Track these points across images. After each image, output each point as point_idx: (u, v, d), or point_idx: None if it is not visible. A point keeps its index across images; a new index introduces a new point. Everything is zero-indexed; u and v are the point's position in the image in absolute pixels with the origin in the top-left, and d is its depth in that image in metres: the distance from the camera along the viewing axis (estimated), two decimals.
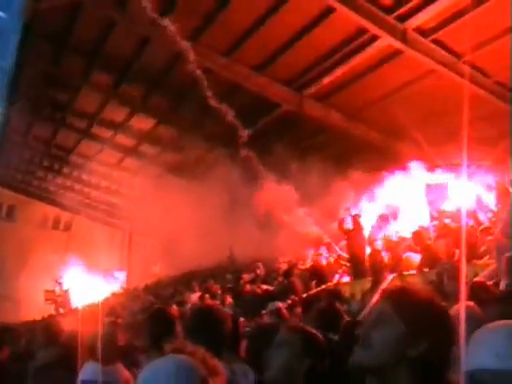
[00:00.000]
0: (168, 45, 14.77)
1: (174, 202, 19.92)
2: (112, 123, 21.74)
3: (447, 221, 10.91)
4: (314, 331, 2.81)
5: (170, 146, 21.91)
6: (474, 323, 1.82)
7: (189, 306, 12.75)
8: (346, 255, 13.33)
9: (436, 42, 12.56)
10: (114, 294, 24.53)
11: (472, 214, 10.54)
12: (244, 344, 4.34)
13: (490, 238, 8.74)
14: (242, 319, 6.73)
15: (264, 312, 7.30)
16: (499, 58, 12.73)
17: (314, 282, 12.49)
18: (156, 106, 19.32)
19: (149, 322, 4.36)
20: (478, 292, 4.61)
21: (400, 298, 1.74)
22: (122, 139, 23.15)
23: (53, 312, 27.30)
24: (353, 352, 1.74)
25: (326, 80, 14.73)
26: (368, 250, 12.26)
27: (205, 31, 14.28)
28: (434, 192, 12.88)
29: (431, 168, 13.63)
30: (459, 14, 11.55)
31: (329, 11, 12.41)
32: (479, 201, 11.27)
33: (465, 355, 1.46)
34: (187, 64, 15.60)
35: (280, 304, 6.98)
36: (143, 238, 27.29)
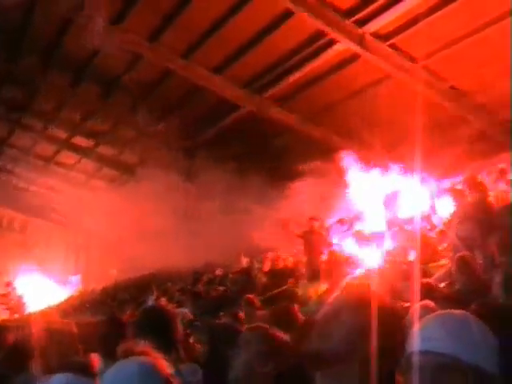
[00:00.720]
0: (127, 45, 14.73)
1: (129, 204, 19.74)
2: (69, 124, 21.43)
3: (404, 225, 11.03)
4: (277, 331, 2.80)
5: (129, 148, 21.73)
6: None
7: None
8: (303, 258, 13.35)
9: (393, 46, 12.71)
10: (70, 298, 24.19)
11: (427, 219, 10.69)
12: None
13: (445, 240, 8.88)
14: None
15: (222, 314, 7.29)
16: (455, 63, 12.99)
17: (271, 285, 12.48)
18: (114, 106, 19.12)
19: (101, 325, 4.30)
20: (424, 292, 4.71)
21: (360, 295, 1.79)
22: (79, 140, 22.85)
23: (6, 317, 26.74)
24: (310, 341, 1.77)
25: (286, 82, 14.78)
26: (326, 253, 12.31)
27: (164, 32, 14.19)
28: (391, 196, 13.01)
29: (388, 172, 13.75)
30: (416, 20, 11.71)
31: (288, 14, 12.48)
32: (433, 205, 11.42)
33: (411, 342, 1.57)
34: (146, 64, 15.60)
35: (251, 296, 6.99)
36: (100, 241, 26.94)
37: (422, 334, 1.60)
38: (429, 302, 3.69)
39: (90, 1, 13.33)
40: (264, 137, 17.44)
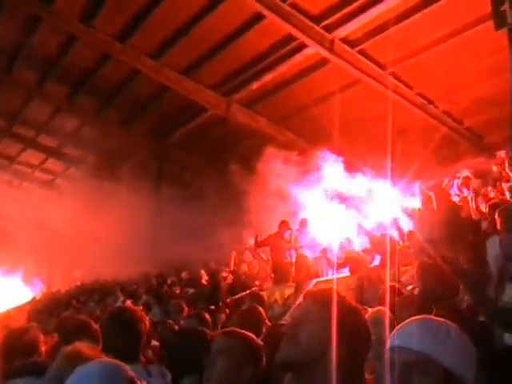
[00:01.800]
0: (96, 45, 14.61)
1: (94, 206, 19.57)
2: (35, 123, 21.16)
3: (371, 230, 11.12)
4: (252, 336, 2.76)
5: (95, 149, 21.52)
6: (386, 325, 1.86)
7: None
8: (267, 261, 13.37)
9: (362, 52, 12.84)
10: (34, 300, 23.80)
11: (394, 223, 10.77)
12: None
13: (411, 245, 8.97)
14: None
15: (184, 315, 7.23)
16: (422, 70, 13.17)
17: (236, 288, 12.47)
18: (81, 107, 18.94)
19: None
20: (390, 296, 4.76)
21: (324, 297, 1.80)
22: (45, 139, 22.57)
23: None
24: (279, 349, 1.76)
25: (254, 86, 14.80)
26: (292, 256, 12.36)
27: (133, 33, 14.10)
28: (358, 200, 13.10)
29: (355, 176, 13.84)
30: (385, 27, 11.86)
31: (258, 18, 12.51)
32: (402, 208, 11.53)
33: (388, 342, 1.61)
34: (115, 65, 15.48)
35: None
36: (65, 242, 26.57)
37: (398, 332, 1.65)
38: (381, 308, 3.74)
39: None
40: (231, 140, 17.44)
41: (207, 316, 6.07)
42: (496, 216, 7.26)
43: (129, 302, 13.63)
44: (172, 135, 18.31)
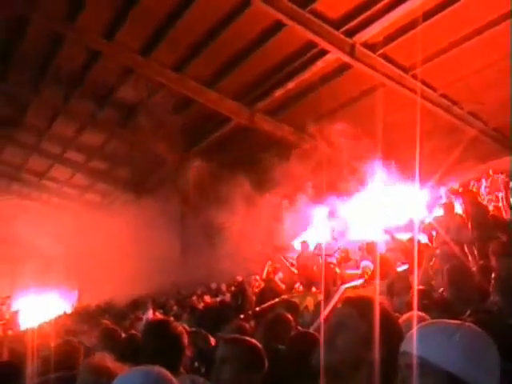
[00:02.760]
0: (118, 59, 14.76)
1: (127, 222, 19.74)
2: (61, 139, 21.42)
3: (397, 234, 11.04)
4: (254, 342, 2.77)
5: (121, 163, 21.72)
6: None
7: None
8: (296, 269, 13.38)
9: (383, 56, 12.79)
10: (66, 314, 24.00)
11: (422, 226, 10.68)
12: None
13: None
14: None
15: (226, 327, 7.23)
16: (445, 71, 13.07)
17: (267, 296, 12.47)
18: (106, 121, 19.12)
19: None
20: (420, 298, 4.71)
21: (363, 304, 1.83)
22: (72, 155, 22.86)
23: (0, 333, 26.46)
24: (316, 353, 1.79)
25: (277, 94, 14.81)
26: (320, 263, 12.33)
27: (155, 46, 14.22)
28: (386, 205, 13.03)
29: (388, 182, 13.77)
30: (406, 29, 11.84)
31: (279, 26, 12.53)
32: (428, 212, 11.45)
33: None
34: (138, 78, 15.61)
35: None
36: (95, 258, 26.77)
37: (407, 338, 1.64)
38: (417, 313, 3.70)
39: (82, 16, 13.40)
40: (256, 149, 17.47)
41: (247, 326, 6.08)
42: None
43: (160, 312, 13.74)
44: (197, 146, 18.38)
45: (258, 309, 11.27)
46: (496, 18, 11.24)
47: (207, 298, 14.07)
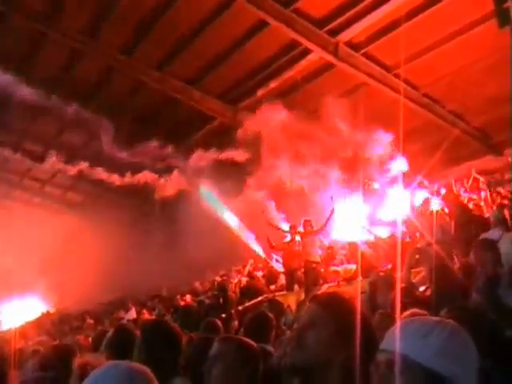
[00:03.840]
0: (100, 59, 14.67)
1: (108, 223, 19.65)
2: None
3: (379, 232, 11.07)
4: (248, 340, 2.78)
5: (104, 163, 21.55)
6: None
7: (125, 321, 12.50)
8: (280, 268, 13.38)
9: (367, 55, 12.84)
10: (46, 314, 23.82)
11: (406, 223, 10.71)
12: None
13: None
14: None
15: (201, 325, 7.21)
16: (427, 71, 13.15)
17: (250, 295, 12.47)
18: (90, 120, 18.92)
19: None
20: (403, 296, 4.74)
21: (331, 302, 1.82)
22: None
23: None
24: (288, 354, 1.79)
25: (260, 93, 14.80)
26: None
27: (137, 44, 14.13)
28: (372, 200, 13.05)
29: (371, 178, 13.80)
30: (388, 29, 11.90)
31: (262, 25, 12.53)
32: (412, 210, 11.48)
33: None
34: (120, 77, 15.52)
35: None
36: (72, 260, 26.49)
37: (387, 335, 1.63)
38: (417, 311, 3.69)
39: (64, 16, 13.29)
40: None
41: (219, 323, 6.07)
42: (506, 214, 7.25)
43: (144, 312, 13.70)
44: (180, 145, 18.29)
45: (241, 308, 11.26)
46: (477, 18, 11.33)
47: (188, 298, 14.03)
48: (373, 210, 12.71)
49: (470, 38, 11.83)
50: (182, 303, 13.65)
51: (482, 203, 11.26)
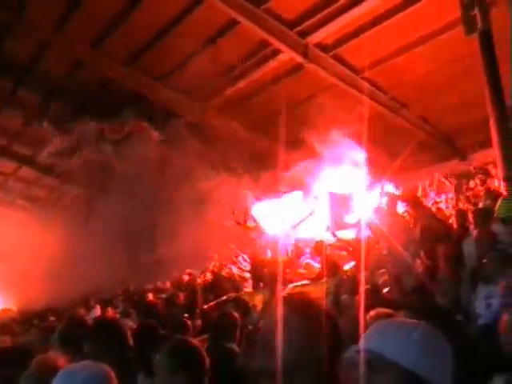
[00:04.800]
0: (68, 53, 14.46)
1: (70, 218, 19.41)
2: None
3: (345, 233, 11.12)
4: (194, 344, 2.79)
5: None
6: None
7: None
8: (247, 266, 13.36)
9: (336, 57, 12.91)
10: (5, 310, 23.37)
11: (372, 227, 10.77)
12: None
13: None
14: None
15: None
16: (396, 75, 13.29)
17: (215, 294, 12.43)
18: (53, 115, 18.64)
19: None
20: (367, 298, 4.80)
21: (299, 304, 1.80)
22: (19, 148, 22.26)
23: None
24: (255, 357, 1.77)
25: (229, 91, 14.78)
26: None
27: (106, 39, 13.99)
28: (337, 202, 13.08)
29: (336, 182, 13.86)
30: (358, 32, 11.98)
31: (232, 24, 12.50)
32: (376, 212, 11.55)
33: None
34: (87, 72, 15.33)
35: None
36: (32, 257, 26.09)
37: (365, 335, 1.66)
38: (384, 310, 3.72)
39: (30, 7, 13.08)
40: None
41: (188, 323, 6.06)
42: (470, 218, 7.36)
43: (109, 310, 13.57)
44: None
45: (205, 307, 11.22)
46: (445, 24, 11.47)
47: (150, 296, 13.93)
48: (338, 212, 12.75)
49: (437, 44, 11.97)
50: (147, 301, 13.56)
51: (446, 207, 11.43)
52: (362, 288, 5.66)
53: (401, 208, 10.15)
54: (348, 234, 10.86)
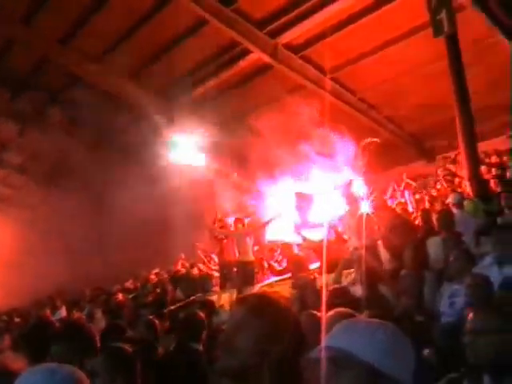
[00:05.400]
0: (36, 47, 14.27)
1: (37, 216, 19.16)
2: None
3: (311, 233, 11.14)
4: (124, 348, 2.82)
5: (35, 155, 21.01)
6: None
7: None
8: (215, 265, 13.33)
9: (305, 58, 12.96)
10: None
11: (333, 227, 10.83)
12: None
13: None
14: None
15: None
16: (364, 76, 13.39)
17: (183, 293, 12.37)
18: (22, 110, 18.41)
19: None
20: (334, 297, 4.82)
21: (259, 304, 1.80)
22: None
23: None
24: (217, 359, 1.76)
25: (199, 91, 14.73)
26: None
27: (75, 36, 13.83)
28: (302, 201, 13.10)
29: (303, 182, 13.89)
30: (327, 33, 12.02)
31: (202, 23, 12.47)
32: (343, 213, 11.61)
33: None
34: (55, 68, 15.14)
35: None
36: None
37: (331, 333, 1.66)
38: (344, 310, 3.75)
39: None
40: None
41: (156, 322, 6.03)
42: (434, 219, 7.44)
43: (75, 312, 13.44)
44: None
45: (173, 307, 11.17)
46: (414, 27, 11.61)
47: (120, 296, 13.80)
48: (304, 213, 12.78)
49: (406, 46, 12.11)
50: (115, 302, 13.44)
51: (411, 208, 11.53)
52: (324, 287, 5.71)
53: (367, 209, 10.21)
54: (315, 234, 10.89)
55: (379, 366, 1.55)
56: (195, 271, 14.10)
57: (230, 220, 13.14)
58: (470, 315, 2.91)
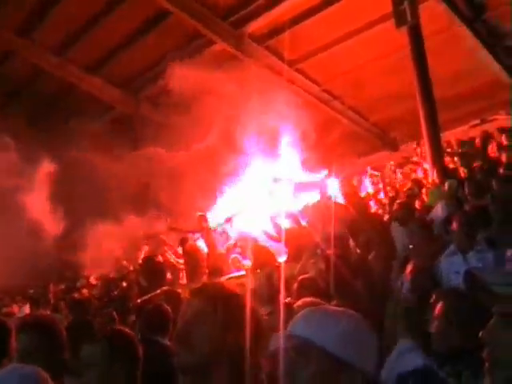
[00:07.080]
0: None
1: None
2: None
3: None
4: (129, 334, 2.74)
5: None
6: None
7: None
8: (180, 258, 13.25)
9: (269, 48, 12.93)
10: None
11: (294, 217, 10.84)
12: None
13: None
14: None
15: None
16: (328, 67, 13.43)
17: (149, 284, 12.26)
18: None
19: None
20: (305, 288, 4.80)
21: (214, 295, 1.77)
22: None
23: None
24: (176, 354, 1.73)
25: (162, 83, 14.58)
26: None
27: (35, 28, 13.56)
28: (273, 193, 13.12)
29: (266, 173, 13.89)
30: (291, 24, 12.00)
31: (165, 14, 12.34)
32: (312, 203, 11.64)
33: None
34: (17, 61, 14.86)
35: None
36: None
37: (293, 320, 1.66)
38: (311, 299, 3.75)
39: None
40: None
41: (114, 314, 5.96)
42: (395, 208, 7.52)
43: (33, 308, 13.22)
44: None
45: (139, 301, 11.07)
46: (377, 18, 11.68)
47: (85, 292, 13.64)
48: (273, 203, 12.79)
49: (369, 37, 12.17)
50: (79, 297, 13.26)
51: (378, 197, 11.63)
52: (282, 277, 5.72)
53: (335, 199, 10.26)
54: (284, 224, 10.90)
55: (340, 354, 1.53)
56: (160, 259, 13.98)
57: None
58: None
